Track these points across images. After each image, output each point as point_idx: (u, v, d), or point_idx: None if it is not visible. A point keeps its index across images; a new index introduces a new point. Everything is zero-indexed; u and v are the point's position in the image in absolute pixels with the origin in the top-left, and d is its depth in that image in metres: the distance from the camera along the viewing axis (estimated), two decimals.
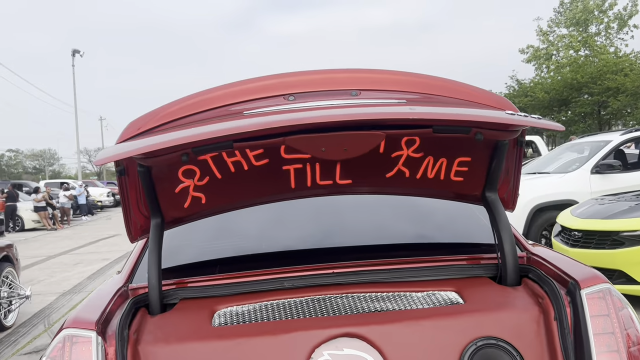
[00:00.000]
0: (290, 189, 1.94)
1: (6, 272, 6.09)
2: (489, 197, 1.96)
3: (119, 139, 1.73)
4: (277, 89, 1.79)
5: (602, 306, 1.64)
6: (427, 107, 1.64)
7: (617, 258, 5.04)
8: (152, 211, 1.86)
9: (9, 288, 6.13)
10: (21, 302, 6.21)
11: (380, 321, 1.70)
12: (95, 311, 1.70)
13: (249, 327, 1.71)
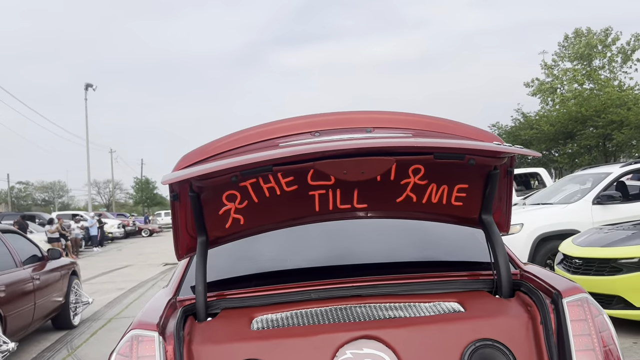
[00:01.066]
0: (315, 212, 2.26)
1: (74, 283, 7.79)
2: (485, 219, 2.27)
3: (176, 168, 2.08)
4: (305, 127, 2.14)
5: (581, 312, 1.93)
6: (429, 138, 1.98)
7: (615, 284, 5.29)
8: (198, 231, 2.19)
9: (75, 296, 7.76)
10: (84, 307, 8.14)
11: (394, 326, 1.99)
12: (154, 317, 2.00)
13: (283, 330, 2.00)
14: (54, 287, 7.05)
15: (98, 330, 7.54)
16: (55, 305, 7.07)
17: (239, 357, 1.92)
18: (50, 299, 6.87)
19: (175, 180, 1.80)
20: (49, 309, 6.86)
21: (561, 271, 6.08)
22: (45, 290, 6.67)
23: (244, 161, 1.81)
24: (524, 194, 13.11)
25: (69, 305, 7.54)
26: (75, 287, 7.88)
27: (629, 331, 5.44)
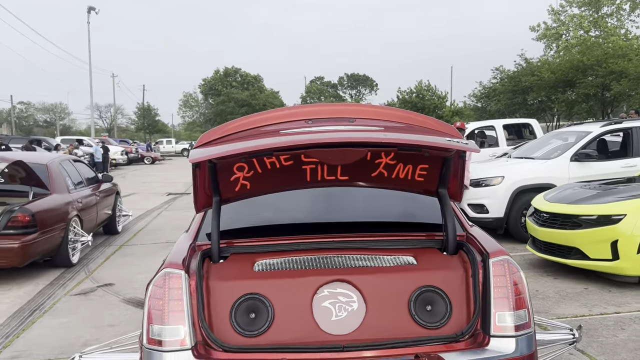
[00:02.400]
0: (306, 181, 2.84)
1: (118, 200, 10.14)
2: (440, 192, 2.86)
3: (197, 144, 2.66)
4: (300, 116, 2.70)
5: (502, 270, 2.55)
6: (394, 134, 2.53)
7: (575, 238, 5.96)
8: (214, 192, 2.78)
9: (119, 210, 10.12)
10: (125, 219, 10.68)
11: (361, 272, 2.62)
12: (180, 258, 2.63)
13: (278, 272, 2.63)
14: (107, 202, 9.42)
15: (110, 255, 8.29)
16: (107, 216, 9.51)
17: (244, 291, 2.55)
18: (105, 211, 9.29)
19: (200, 159, 2.38)
20: (103, 218, 9.34)
21: (530, 223, 6.75)
22: (102, 204, 9.07)
23: (251, 147, 2.38)
24: (515, 143, 13.66)
25: (115, 216, 10.02)
26: (118, 203, 10.23)
27: (582, 279, 6.17)
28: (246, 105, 69.27)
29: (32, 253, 6.62)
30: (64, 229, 7.24)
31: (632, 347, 4.19)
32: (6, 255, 6.31)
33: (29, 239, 6.45)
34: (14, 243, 6.30)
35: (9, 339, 4.81)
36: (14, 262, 6.44)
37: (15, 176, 7.24)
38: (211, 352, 2.38)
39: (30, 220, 6.49)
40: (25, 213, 6.46)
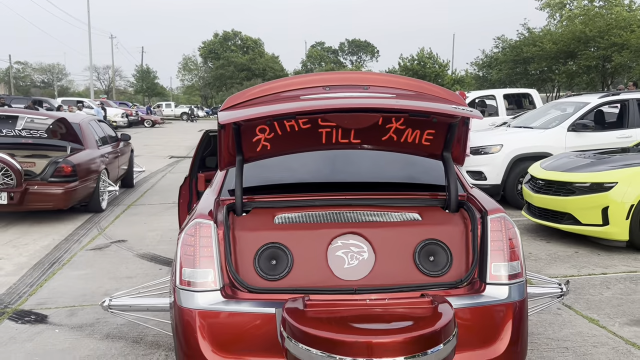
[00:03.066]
0: (322, 144, 3.08)
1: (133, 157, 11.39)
2: (445, 155, 3.11)
3: (223, 107, 2.89)
4: (319, 82, 2.94)
5: (498, 225, 2.83)
6: (406, 101, 2.76)
7: (567, 204, 6.25)
8: (237, 152, 3.02)
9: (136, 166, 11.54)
10: (138, 173, 12.10)
11: (371, 226, 2.89)
12: (207, 210, 2.89)
13: (296, 225, 2.90)
14: (125, 158, 10.60)
15: (120, 214, 8.59)
16: (124, 171, 10.62)
17: (266, 240, 2.82)
18: (123, 166, 10.43)
19: (229, 121, 2.62)
20: (122, 172, 10.44)
21: (526, 189, 7.04)
22: (121, 159, 10.25)
23: (275, 110, 2.62)
24: (514, 113, 13.87)
25: (132, 171, 11.28)
26: (134, 160, 11.52)
27: (573, 243, 6.49)
28: (246, 69, 68.87)
29: (74, 198, 7.84)
30: (96, 179, 8.46)
31: (616, 303, 4.52)
32: (53, 199, 7.54)
33: (71, 186, 7.67)
34: (59, 189, 7.54)
35: (33, 287, 5.12)
36: (59, 205, 7.67)
37: (57, 132, 8.41)
38: (237, 293, 2.67)
39: (72, 171, 7.71)
40: (68, 164, 7.70)
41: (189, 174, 4.72)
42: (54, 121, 8.18)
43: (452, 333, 2.15)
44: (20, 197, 7.34)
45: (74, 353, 3.73)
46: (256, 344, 2.56)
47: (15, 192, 7.30)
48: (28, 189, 7.40)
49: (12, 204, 7.35)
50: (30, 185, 7.43)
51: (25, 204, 7.46)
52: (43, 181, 7.50)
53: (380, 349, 1.98)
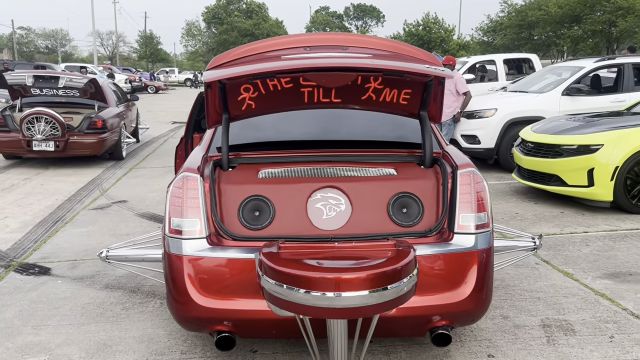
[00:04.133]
0: (304, 103, 3.24)
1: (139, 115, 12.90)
2: (421, 114, 3.26)
3: (209, 67, 3.05)
4: (299, 43, 3.08)
5: (467, 179, 3.00)
6: (381, 60, 2.90)
7: (555, 166, 6.41)
8: (223, 110, 3.19)
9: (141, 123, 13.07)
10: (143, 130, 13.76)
11: (349, 181, 3.07)
12: (195, 165, 3.08)
13: (279, 179, 3.07)
14: (133, 115, 12.29)
15: (121, 177, 8.80)
16: (132, 128, 12.18)
17: (249, 193, 3.00)
18: (132, 123, 12.10)
19: (213, 79, 2.78)
20: (131, 128, 11.97)
21: (517, 152, 7.19)
22: (131, 115, 11.95)
23: (257, 69, 2.77)
24: (514, 78, 13.87)
25: (137, 128, 12.81)
26: (139, 118, 13.11)
27: (560, 204, 6.67)
28: (249, 34, 68.27)
29: (104, 146, 9.62)
30: (119, 132, 10.26)
31: (592, 259, 4.73)
32: (89, 147, 9.39)
33: (103, 137, 9.49)
34: (93, 139, 9.40)
35: (37, 243, 5.37)
36: (94, 152, 9.49)
37: (87, 91, 10.12)
38: (222, 241, 2.87)
39: (103, 125, 9.53)
40: (100, 119, 9.53)
41: (184, 135, 4.88)
42: (87, 81, 9.91)
43: (411, 272, 2.34)
44: (64, 145, 9.19)
45: (75, 301, 3.97)
46: (239, 287, 2.78)
47: (60, 141, 9.13)
48: (69, 139, 9.22)
49: (57, 150, 9.18)
50: (71, 136, 9.24)
51: (67, 150, 9.27)
52: (80, 132, 9.34)
53: (346, 284, 2.18)
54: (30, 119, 8.98)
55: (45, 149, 9.13)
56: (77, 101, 10.36)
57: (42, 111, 9.00)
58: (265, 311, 2.75)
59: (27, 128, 9.00)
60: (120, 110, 10.78)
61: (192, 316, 2.80)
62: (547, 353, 3.17)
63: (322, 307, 2.21)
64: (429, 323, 2.85)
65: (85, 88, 9.97)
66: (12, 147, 9.24)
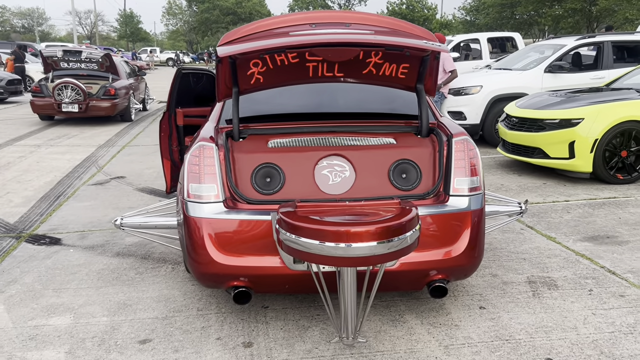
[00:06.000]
0: (309, 77, 3.46)
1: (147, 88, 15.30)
2: (418, 87, 3.52)
3: (220, 43, 3.25)
4: (305, 20, 3.30)
5: (461, 146, 3.26)
6: (383, 36, 3.14)
7: (538, 139, 6.72)
8: (233, 84, 3.40)
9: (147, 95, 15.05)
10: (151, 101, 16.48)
11: (353, 149, 3.32)
12: (209, 135, 3.30)
13: (287, 148, 3.31)
14: (141, 88, 14.93)
15: (116, 154, 8.95)
16: (142, 97, 14.97)
17: (261, 161, 3.24)
18: (141, 94, 14.81)
19: (227, 54, 3.00)
20: (141, 98, 14.73)
21: (502, 127, 7.49)
22: (140, 88, 14.69)
23: (267, 45, 2.98)
24: (497, 56, 14.18)
25: (145, 99, 15.43)
26: (147, 90, 15.65)
27: (542, 176, 7.01)
28: (231, 13, 67.59)
29: (116, 109, 12.38)
30: (128, 99, 13.02)
31: (573, 224, 5.06)
32: (104, 110, 12.14)
33: (115, 102, 12.25)
34: (108, 104, 12.15)
35: (43, 216, 5.56)
36: (109, 113, 12.27)
37: (103, 64, 12.74)
38: (237, 204, 3.11)
39: (115, 92, 12.22)
40: (112, 88, 12.22)
41: (166, 110, 5.02)
42: (103, 55, 12.66)
43: (415, 227, 2.61)
44: (85, 108, 11.95)
45: (90, 267, 4.20)
46: (254, 246, 3.03)
47: (83, 104, 11.89)
48: (89, 103, 11.96)
49: (80, 111, 11.96)
50: (91, 100, 11.98)
51: (88, 111, 12.04)
52: (98, 98, 12.07)
53: (356, 236, 2.44)
54: (60, 86, 11.69)
55: (71, 110, 11.90)
56: (96, 74, 12.94)
57: (69, 81, 11.76)
58: (279, 267, 3.01)
59: (57, 94, 11.72)
60: (130, 82, 13.47)
61: (212, 272, 3.05)
62: (532, 304, 3.49)
63: (336, 256, 2.47)
64: (426, 277, 3.13)
65: (102, 61, 12.61)
66: (46, 109, 12.07)
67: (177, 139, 5.02)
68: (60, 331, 3.24)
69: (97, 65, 12.69)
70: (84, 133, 11.26)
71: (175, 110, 4.94)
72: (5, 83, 16.69)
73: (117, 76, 12.95)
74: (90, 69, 12.78)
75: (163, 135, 5.06)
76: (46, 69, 12.88)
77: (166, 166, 5.09)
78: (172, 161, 5.07)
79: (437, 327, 3.25)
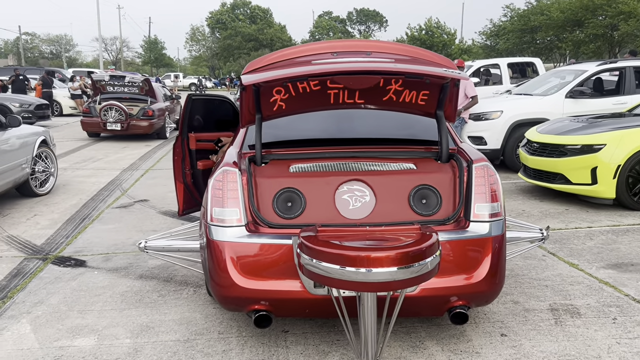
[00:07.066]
0: (330, 104, 3.53)
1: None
2: (438, 114, 3.55)
3: (245, 71, 3.35)
4: (327, 49, 3.39)
5: (481, 172, 3.28)
6: (403, 65, 3.20)
7: (560, 165, 6.69)
8: (256, 111, 3.48)
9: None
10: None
11: (373, 174, 3.36)
12: (232, 160, 3.37)
13: (309, 173, 3.36)
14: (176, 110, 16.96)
15: (139, 178, 9.11)
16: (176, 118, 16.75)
17: (282, 186, 3.29)
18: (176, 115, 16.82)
19: (252, 82, 3.08)
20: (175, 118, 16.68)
21: (523, 152, 7.48)
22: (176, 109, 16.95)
23: (290, 73, 3.06)
24: (518, 81, 14.18)
25: None
26: None
27: (565, 201, 6.95)
28: (253, 39, 68.65)
29: (153, 128, 14.20)
30: (164, 119, 14.77)
31: (596, 251, 5.00)
32: (143, 129, 14.01)
33: (152, 122, 14.09)
34: (146, 123, 14.02)
35: (69, 238, 5.67)
36: (146, 132, 14.14)
37: (143, 88, 14.58)
38: (259, 228, 3.16)
39: (152, 113, 14.09)
40: (150, 109, 14.10)
41: (179, 134, 5.12)
42: (143, 80, 14.61)
43: (435, 252, 2.63)
44: (127, 126, 13.89)
45: (113, 289, 4.26)
46: (274, 270, 3.06)
47: (124, 123, 13.84)
48: (130, 122, 13.88)
49: (122, 130, 13.91)
50: (132, 120, 13.90)
51: (129, 130, 13.93)
52: (137, 118, 13.96)
53: (377, 261, 2.46)
54: (106, 108, 13.75)
55: (115, 128, 13.89)
56: (136, 97, 14.74)
57: (113, 103, 13.75)
58: (299, 291, 3.04)
59: (103, 114, 13.75)
60: (166, 104, 15.37)
61: (234, 296, 3.08)
62: (555, 332, 3.45)
63: (357, 281, 2.49)
64: (447, 303, 3.13)
65: (142, 85, 14.50)
66: (94, 127, 14.12)
67: (189, 162, 5.11)
68: (84, 352, 3.29)
69: (137, 89, 14.51)
70: (108, 157, 11.48)
71: (188, 135, 5.06)
72: (34, 108, 17.11)
73: (154, 99, 14.66)
74: (132, 93, 14.61)
75: (177, 159, 5.16)
76: (95, 92, 14.81)
77: (179, 189, 5.18)
78: (184, 184, 5.16)
79: (458, 354, 3.23)
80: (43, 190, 7.77)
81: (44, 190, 7.79)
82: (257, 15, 74.56)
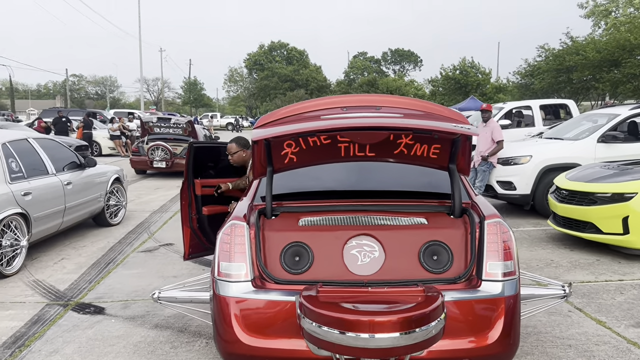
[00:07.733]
0: (341, 157, 3.53)
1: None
2: (450, 167, 3.51)
3: (256, 125, 3.39)
4: (337, 104, 3.41)
5: (494, 229, 3.19)
6: (411, 120, 3.19)
7: (590, 213, 6.48)
8: (268, 164, 3.51)
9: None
10: None
11: (383, 229, 3.31)
12: (242, 214, 3.38)
13: (317, 227, 3.34)
14: None
15: (168, 220, 9.23)
16: None
17: (290, 240, 3.28)
18: None
19: (261, 137, 3.12)
20: None
21: (552, 199, 7.29)
22: None
23: (298, 129, 3.09)
24: (551, 123, 13.95)
25: None
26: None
27: (596, 251, 6.71)
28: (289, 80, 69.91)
29: None
30: None
31: (626, 307, 4.78)
32: None
33: None
34: None
35: (92, 284, 5.74)
36: None
37: (186, 129, 15.87)
38: (265, 284, 3.14)
39: None
40: None
41: (185, 180, 5.18)
42: (186, 122, 16.05)
43: (439, 316, 2.55)
44: (171, 164, 15.04)
45: (128, 339, 4.27)
46: (280, 327, 3.02)
47: (169, 161, 15.06)
48: (174, 161, 15.01)
49: (167, 167, 15.05)
50: (175, 159, 15.01)
51: (173, 167, 14.98)
52: (181, 157, 14.85)
53: (379, 326, 2.40)
54: (153, 148, 15.17)
55: (160, 166, 15.13)
56: (179, 138, 16.01)
57: (159, 143, 15.20)
58: (304, 351, 2.98)
59: (150, 153, 15.12)
60: None
61: (238, 353, 3.05)
62: None
63: (358, 347, 2.43)
64: None
65: (185, 127, 15.85)
66: (141, 165, 15.45)
67: (195, 207, 5.16)
68: None
69: (181, 130, 15.89)
70: (140, 198, 11.70)
71: (194, 181, 5.12)
72: (74, 149, 17.66)
73: (195, 138, 15.90)
74: (176, 134, 15.97)
75: (184, 204, 5.22)
76: (143, 132, 16.34)
77: (185, 233, 5.22)
78: (191, 228, 5.20)
79: None
80: (115, 220, 8.92)
81: (117, 221, 8.93)
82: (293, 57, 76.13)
